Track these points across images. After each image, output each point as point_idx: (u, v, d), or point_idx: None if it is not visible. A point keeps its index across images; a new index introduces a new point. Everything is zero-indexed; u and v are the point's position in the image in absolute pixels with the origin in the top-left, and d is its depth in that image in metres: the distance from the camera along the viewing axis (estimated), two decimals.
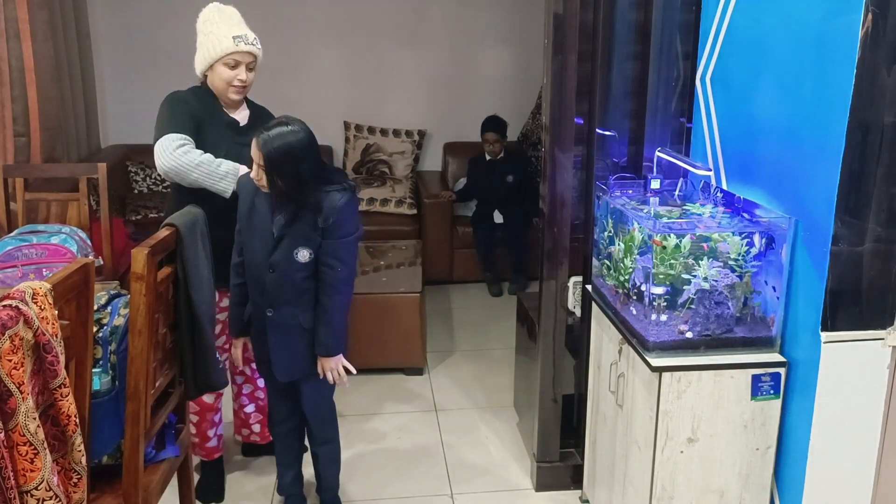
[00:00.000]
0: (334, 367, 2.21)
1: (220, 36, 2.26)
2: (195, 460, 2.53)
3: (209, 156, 2.23)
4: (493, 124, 4.56)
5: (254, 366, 2.53)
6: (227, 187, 2.24)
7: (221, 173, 2.23)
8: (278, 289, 2.14)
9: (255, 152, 2.04)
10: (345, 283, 2.18)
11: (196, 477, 2.43)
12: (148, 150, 2.38)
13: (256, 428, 2.74)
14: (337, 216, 2.10)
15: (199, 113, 2.30)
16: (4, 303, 1.26)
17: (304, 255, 2.12)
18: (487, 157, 4.60)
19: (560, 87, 2.33)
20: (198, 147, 2.26)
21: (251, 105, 2.47)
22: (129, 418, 1.69)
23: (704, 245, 1.82)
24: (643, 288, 1.90)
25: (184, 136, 2.22)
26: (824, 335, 1.66)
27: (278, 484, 2.45)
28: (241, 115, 2.41)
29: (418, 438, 2.96)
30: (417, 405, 3.22)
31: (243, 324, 2.27)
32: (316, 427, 2.34)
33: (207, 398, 2.48)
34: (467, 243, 4.60)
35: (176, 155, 2.18)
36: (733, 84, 2.03)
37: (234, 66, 2.28)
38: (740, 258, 1.84)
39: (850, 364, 1.68)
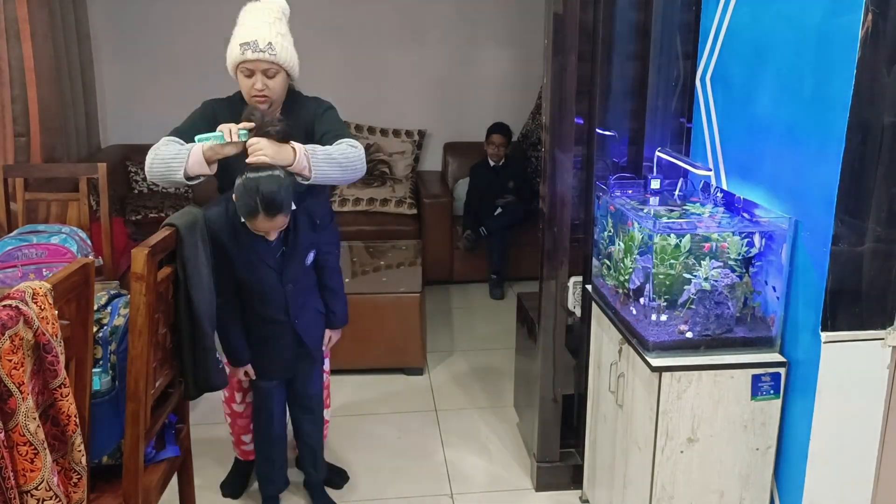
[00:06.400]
0: (338, 336, 2.40)
1: (233, 42, 2.10)
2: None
3: (169, 147, 1.99)
4: (500, 127, 4.58)
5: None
6: (177, 169, 1.96)
7: (165, 161, 1.97)
8: (300, 296, 2.21)
9: (269, 225, 1.96)
10: (339, 259, 2.38)
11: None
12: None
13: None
14: (325, 216, 2.25)
15: (223, 121, 2.08)
16: (4, 303, 1.26)
17: (310, 257, 2.22)
18: (491, 163, 4.60)
19: (560, 87, 2.33)
20: (220, 167, 2.05)
21: (291, 109, 2.21)
22: (129, 418, 1.69)
23: (706, 245, 1.82)
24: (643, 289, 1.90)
25: (177, 138, 2.05)
26: (824, 335, 1.66)
27: (267, 486, 2.44)
28: None
29: (418, 438, 2.96)
30: (417, 405, 3.22)
31: (247, 350, 2.23)
32: (315, 404, 2.41)
33: (238, 406, 2.46)
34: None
35: (149, 157, 2.01)
36: (733, 84, 2.03)
37: (250, 75, 2.10)
38: (740, 258, 1.84)
39: (850, 364, 1.68)
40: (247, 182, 1.90)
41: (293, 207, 2.02)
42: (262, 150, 1.93)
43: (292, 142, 1.99)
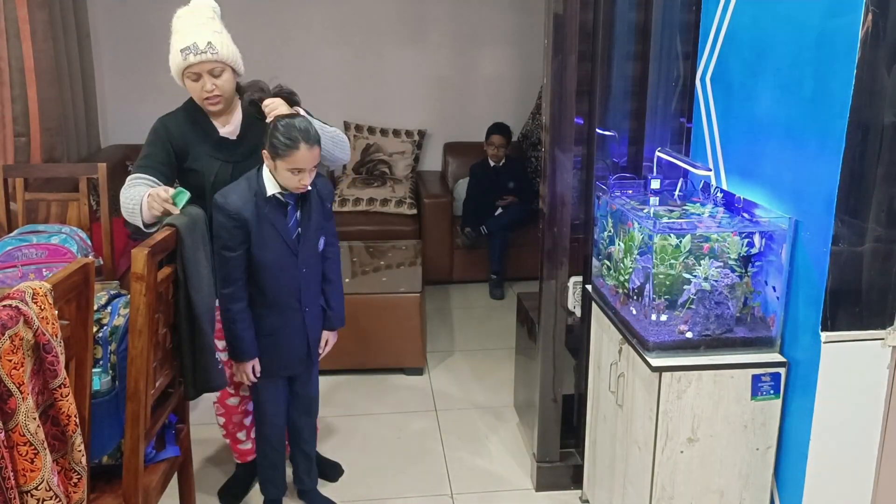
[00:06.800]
0: (335, 339, 2.39)
1: (173, 50, 2.12)
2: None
3: (131, 192, 2.10)
4: (500, 128, 4.58)
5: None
6: (137, 222, 2.09)
7: (129, 209, 2.09)
8: (311, 283, 2.23)
9: (309, 155, 2.00)
10: (339, 255, 2.38)
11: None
12: None
13: None
14: (332, 196, 2.28)
15: (182, 138, 2.19)
16: (4, 303, 1.26)
17: (321, 243, 2.25)
18: (491, 164, 4.60)
19: (560, 87, 2.33)
20: (188, 173, 2.20)
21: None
22: (129, 418, 1.69)
23: (705, 246, 1.82)
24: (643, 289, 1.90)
25: (140, 175, 2.14)
26: (824, 335, 1.66)
27: (271, 489, 2.43)
28: (232, 127, 2.24)
29: (418, 438, 2.96)
30: (417, 405, 3.22)
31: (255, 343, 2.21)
32: (314, 408, 2.42)
33: (231, 400, 2.45)
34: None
35: (121, 198, 2.12)
36: (733, 84, 2.03)
37: (197, 79, 2.12)
38: (740, 258, 1.84)
39: (850, 364, 1.68)
40: (280, 122, 2.01)
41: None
42: (278, 107, 2.08)
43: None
